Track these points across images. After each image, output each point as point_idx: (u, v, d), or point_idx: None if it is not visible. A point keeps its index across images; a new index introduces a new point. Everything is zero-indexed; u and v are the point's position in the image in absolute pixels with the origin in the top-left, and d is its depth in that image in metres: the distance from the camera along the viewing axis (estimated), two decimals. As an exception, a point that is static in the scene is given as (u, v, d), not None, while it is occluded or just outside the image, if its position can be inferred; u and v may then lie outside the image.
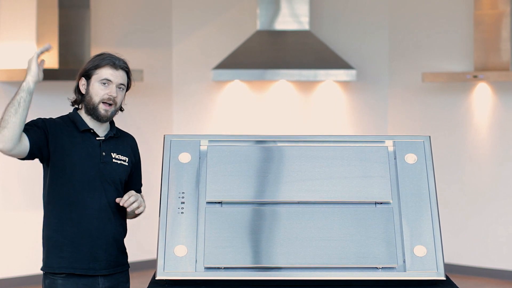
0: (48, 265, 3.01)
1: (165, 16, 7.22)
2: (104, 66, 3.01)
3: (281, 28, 7.07)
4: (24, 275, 6.39)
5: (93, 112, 3.02)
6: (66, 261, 2.98)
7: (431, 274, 2.76)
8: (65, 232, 2.97)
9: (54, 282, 2.99)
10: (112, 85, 3.02)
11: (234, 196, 2.85)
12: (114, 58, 3.04)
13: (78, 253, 2.98)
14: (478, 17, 6.65)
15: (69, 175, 2.98)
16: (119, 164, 3.08)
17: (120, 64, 3.03)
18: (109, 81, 3.02)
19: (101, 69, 3.01)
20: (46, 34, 6.30)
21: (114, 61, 3.02)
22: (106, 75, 3.01)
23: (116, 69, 3.02)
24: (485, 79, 6.52)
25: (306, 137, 2.98)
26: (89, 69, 3.02)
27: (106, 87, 3.02)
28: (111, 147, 3.07)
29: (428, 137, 3.00)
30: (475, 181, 6.85)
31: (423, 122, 7.08)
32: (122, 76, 3.04)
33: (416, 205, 2.85)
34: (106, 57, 3.03)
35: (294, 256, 2.76)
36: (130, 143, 3.17)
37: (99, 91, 3.01)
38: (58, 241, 2.98)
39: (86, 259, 2.99)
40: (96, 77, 3.01)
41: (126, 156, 3.11)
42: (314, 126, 7.26)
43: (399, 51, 7.21)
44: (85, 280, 3.00)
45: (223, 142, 2.94)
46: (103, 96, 3.01)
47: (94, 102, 3.02)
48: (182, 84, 7.28)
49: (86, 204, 2.98)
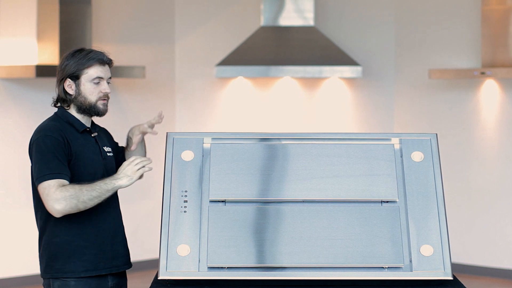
0: (65, 270, 2.96)
1: (168, 11, 7.19)
2: (93, 65, 3.00)
3: (285, 24, 7.04)
4: (25, 275, 6.37)
5: (91, 110, 3.01)
6: (89, 263, 2.97)
7: (438, 274, 2.74)
8: (87, 235, 2.97)
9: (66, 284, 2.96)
10: (104, 81, 3.03)
11: (237, 195, 2.83)
12: (100, 54, 3.03)
13: (101, 254, 2.99)
14: (486, 13, 6.61)
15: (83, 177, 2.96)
16: (111, 156, 3.13)
17: (106, 60, 3.04)
18: (101, 78, 3.01)
19: (90, 68, 2.99)
20: (47, 30, 6.28)
21: (101, 58, 3.01)
22: (97, 73, 3.00)
23: (104, 65, 3.02)
24: (493, 76, 6.49)
25: (311, 135, 2.97)
26: (75, 70, 2.99)
27: (99, 85, 3.01)
28: (102, 141, 3.11)
29: (435, 134, 2.98)
30: (483, 179, 6.81)
31: (429, 119, 7.05)
32: (108, 70, 3.06)
33: (422, 203, 2.84)
34: (92, 55, 3.01)
35: (298, 256, 2.75)
36: (104, 131, 3.21)
37: (93, 90, 3.00)
38: (80, 245, 2.96)
39: (109, 258, 3.01)
40: (86, 76, 3.00)
41: (110, 147, 3.15)
42: (319, 124, 7.23)
43: (405, 47, 7.18)
44: (97, 279, 2.99)
45: (226, 140, 2.93)
46: (98, 94, 3.01)
47: (90, 101, 3.01)
48: (185, 81, 7.25)
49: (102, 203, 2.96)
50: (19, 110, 6.37)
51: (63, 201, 2.81)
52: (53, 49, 6.25)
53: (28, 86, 6.42)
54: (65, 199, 2.82)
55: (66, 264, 2.96)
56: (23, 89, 6.40)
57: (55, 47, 6.24)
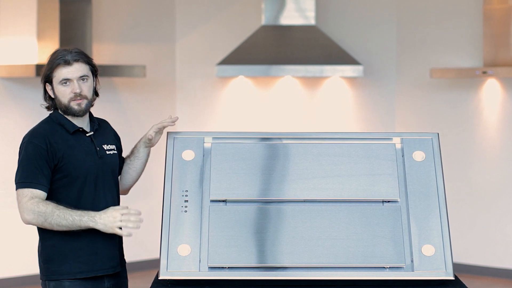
0: (61, 272, 2.96)
1: (168, 10, 7.18)
2: (58, 67, 2.94)
3: (286, 23, 7.03)
4: (25, 274, 6.36)
5: (68, 111, 2.98)
6: (84, 265, 2.95)
7: (439, 274, 2.74)
8: (81, 237, 2.95)
9: (61, 284, 2.96)
10: (73, 81, 2.96)
11: (238, 195, 2.82)
12: (65, 54, 2.96)
13: (96, 255, 2.96)
14: (487, 12, 6.60)
15: (74, 179, 2.96)
16: (112, 154, 3.06)
17: (72, 58, 2.95)
18: (68, 79, 2.96)
19: (56, 71, 2.95)
20: (47, 29, 6.27)
21: (64, 58, 2.94)
22: (63, 75, 2.95)
23: (70, 65, 2.94)
24: (495, 75, 6.47)
25: (312, 134, 2.96)
26: (47, 74, 2.98)
27: (68, 85, 2.96)
28: (100, 139, 3.06)
29: (436, 134, 2.98)
30: (484, 179, 6.80)
31: (431, 118, 7.04)
32: (79, 69, 2.96)
33: (424, 203, 2.83)
34: (57, 57, 2.96)
35: (299, 256, 2.74)
36: (109, 128, 3.16)
37: (63, 92, 2.96)
38: (75, 246, 2.95)
39: (105, 259, 2.98)
40: (55, 79, 2.97)
41: (113, 144, 3.10)
42: (320, 123, 7.22)
43: (406, 46, 7.16)
44: (91, 281, 2.98)
45: (227, 139, 2.92)
46: (69, 95, 2.96)
47: (64, 103, 2.97)
48: (185, 80, 7.24)
49: (95, 204, 2.96)
50: (19, 109, 6.36)
51: (32, 214, 2.86)
52: (53, 48, 6.20)
53: (28, 86, 6.41)
54: (34, 213, 2.85)
55: (61, 265, 2.96)
56: (23, 89, 6.39)
57: (55, 46, 6.23)
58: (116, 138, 3.16)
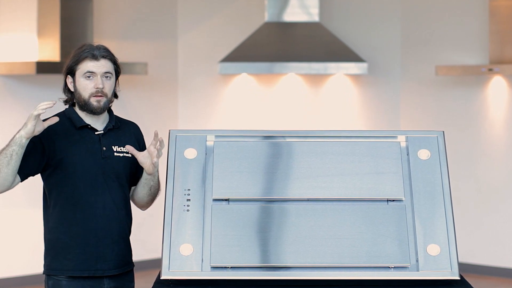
0: (53, 267, 2.98)
1: (170, 7, 7.16)
2: (84, 60, 2.96)
3: (290, 20, 7.01)
4: (25, 274, 6.36)
5: (86, 106, 2.97)
6: (73, 263, 2.95)
7: (445, 273, 2.72)
8: (72, 234, 2.95)
9: (58, 283, 2.96)
10: (97, 76, 2.96)
11: (241, 193, 2.81)
12: (93, 48, 2.98)
13: (85, 254, 2.95)
14: (493, 8, 6.58)
15: (71, 175, 2.95)
16: (121, 157, 3.02)
17: (100, 54, 2.97)
18: (92, 73, 2.96)
19: (81, 63, 2.96)
20: (47, 26, 6.25)
21: (92, 52, 2.96)
22: (88, 67, 2.96)
23: (97, 60, 2.96)
24: (501, 72, 6.46)
25: (316, 132, 2.95)
26: (71, 65, 2.98)
27: (91, 80, 2.96)
28: (112, 140, 3.02)
29: (441, 132, 2.97)
30: (490, 178, 6.78)
31: (436, 116, 7.02)
32: (105, 65, 2.97)
33: (429, 202, 2.82)
34: (84, 50, 2.97)
35: (303, 255, 2.73)
36: (133, 132, 3.12)
37: (85, 85, 2.96)
38: (66, 243, 2.95)
39: (93, 260, 2.96)
40: (79, 72, 2.97)
41: (130, 145, 3.04)
42: (324, 121, 7.20)
43: (411, 43, 7.14)
44: (90, 281, 2.97)
45: (230, 138, 2.91)
46: (90, 90, 2.96)
47: (84, 97, 2.97)
48: (187, 78, 7.23)
49: (90, 203, 2.95)
50: (20, 107, 6.34)
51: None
52: (54, 46, 6.22)
53: (28, 83, 6.39)
54: None
55: (53, 261, 2.97)
56: (24, 86, 6.37)
57: (55, 44, 6.21)
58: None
